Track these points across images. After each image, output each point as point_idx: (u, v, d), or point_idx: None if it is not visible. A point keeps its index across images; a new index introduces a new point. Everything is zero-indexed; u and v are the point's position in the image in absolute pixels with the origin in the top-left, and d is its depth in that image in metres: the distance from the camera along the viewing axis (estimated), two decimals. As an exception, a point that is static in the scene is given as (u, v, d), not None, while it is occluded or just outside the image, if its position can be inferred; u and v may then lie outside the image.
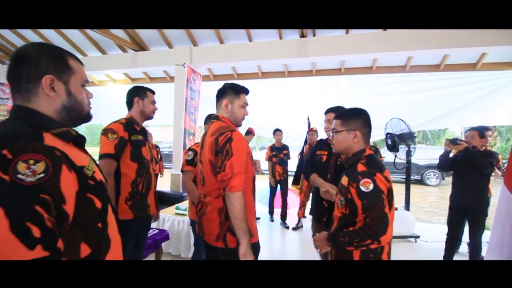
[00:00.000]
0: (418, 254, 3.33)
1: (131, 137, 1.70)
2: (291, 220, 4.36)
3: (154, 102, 1.86)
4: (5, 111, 6.28)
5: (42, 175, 0.55)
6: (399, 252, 3.23)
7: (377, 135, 4.63)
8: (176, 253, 3.01)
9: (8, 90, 6.29)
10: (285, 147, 4.49)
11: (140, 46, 4.88)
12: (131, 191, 1.69)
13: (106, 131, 1.65)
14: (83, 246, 0.65)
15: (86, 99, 0.79)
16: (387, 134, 3.85)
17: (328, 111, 2.02)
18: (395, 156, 3.98)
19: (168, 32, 4.54)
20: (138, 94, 1.82)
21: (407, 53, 3.98)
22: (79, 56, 5.45)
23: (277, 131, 4.45)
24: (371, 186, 1.09)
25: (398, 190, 7.13)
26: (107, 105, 6.10)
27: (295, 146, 5.35)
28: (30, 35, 5.22)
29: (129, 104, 1.83)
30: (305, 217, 4.37)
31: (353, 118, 1.25)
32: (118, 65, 5.22)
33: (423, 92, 4.90)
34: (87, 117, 0.80)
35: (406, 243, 3.62)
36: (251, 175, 1.42)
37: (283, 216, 4.38)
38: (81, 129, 22.19)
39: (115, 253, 0.75)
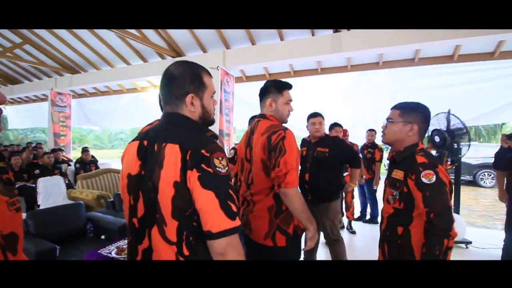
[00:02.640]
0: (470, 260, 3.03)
1: None
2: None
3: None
4: (64, 117, 7.05)
5: (227, 167, 0.77)
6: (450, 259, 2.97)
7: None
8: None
9: (65, 99, 7.06)
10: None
11: (177, 52, 5.14)
12: None
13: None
14: None
15: (213, 107, 0.93)
16: (433, 130, 3.56)
17: (313, 115, 2.53)
18: (444, 154, 3.67)
19: (202, 37, 4.71)
20: None
21: (455, 41, 3.62)
22: (123, 65, 5.94)
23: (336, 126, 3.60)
24: (433, 178, 1.04)
25: (447, 192, 6.68)
26: (149, 109, 6.54)
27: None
28: (81, 47, 5.79)
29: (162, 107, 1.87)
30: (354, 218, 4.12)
31: (414, 111, 1.21)
32: (158, 72, 5.55)
33: (475, 83, 4.42)
34: (212, 122, 0.95)
35: (455, 249, 3.31)
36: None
37: None
38: (127, 132, 24.05)
39: None
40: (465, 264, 0.73)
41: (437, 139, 3.49)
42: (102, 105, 7.83)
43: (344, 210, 3.98)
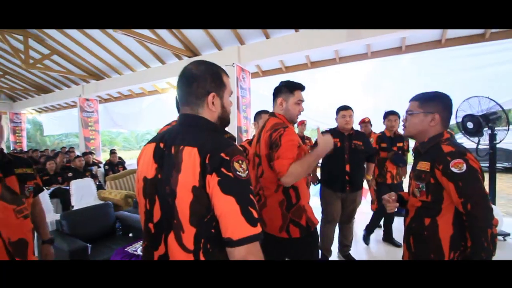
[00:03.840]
0: (507, 254, 2.80)
1: None
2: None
3: None
4: (92, 122, 7.44)
5: (247, 171, 0.73)
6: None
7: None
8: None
9: (93, 104, 7.44)
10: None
11: (193, 52, 5.20)
12: None
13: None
14: None
15: (228, 107, 0.91)
16: (465, 116, 3.30)
17: (344, 108, 2.51)
18: (478, 141, 3.40)
19: (217, 35, 4.72)
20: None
21: (487, 18, 3.31)
22: (142, 68, 6.13)
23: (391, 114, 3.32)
24: (464, 167, 0.99)
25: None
26: (168, 110, 6.71)
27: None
28: (104, 54, 6.04)
29: (178, 109, 1.87)
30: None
31: (433, 100, 1.17)
32: (176, 73, 5.63)
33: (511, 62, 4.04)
34: (228, 123, 0.93)
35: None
36: None
37: None
38: (152, 132, 25.04)
39: None
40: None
41: (470, 125, 3.24)
42: (126, 109, 8.17)
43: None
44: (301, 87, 1.54)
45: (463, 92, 3.62)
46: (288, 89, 1.52)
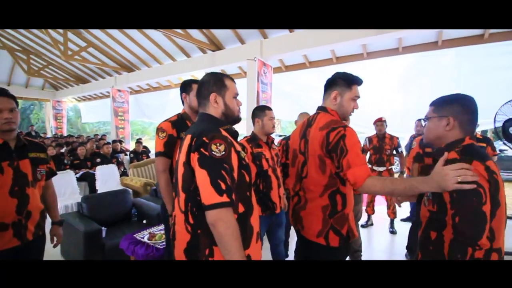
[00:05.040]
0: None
1: (180, 134, 1.67)
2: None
3: None
4: (122, 112, 7.85)
5: (223, 152, 0.91)
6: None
7: (487, 123, 3.62)
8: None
9: (124, 95, 7.82)
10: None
11: (217, 46, 5.22)
12: None
13: (157, 130, 1.67)
14: (240, 205, 0.98)
15: (237, 106, 1.12)
16: (507, 120, 2.96)
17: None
18: (520, 148, 3.04)
19: (240, 29, 4.69)
20: (184, 89, 1.75)
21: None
22: (169, 61, 6.29)
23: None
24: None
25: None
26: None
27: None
28: (134, 47, 6.29)
29: (182, 100, 1.80)
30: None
31: (448, 103, 1.06)
32: (200, 66, 5.75)
33: None
34: (237, 119, 1.14)
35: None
36: None
37: None
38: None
39: (255, 218, 1.05)
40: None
41: (512, 130, 2.90)
42: (154, 100, 8.50)
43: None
44: (359, 82, 1.37)
45: (507, 93, 3.24)
46: (346, 82, 1.35)
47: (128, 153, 6.32)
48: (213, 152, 0.90)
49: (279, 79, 5.43)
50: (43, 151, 1.58)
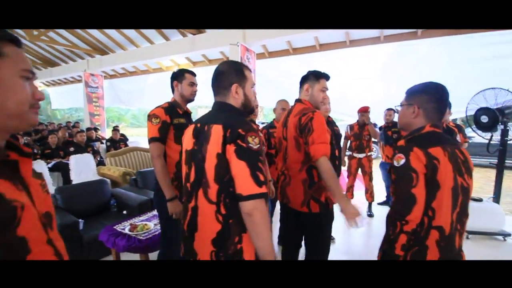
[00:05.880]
0: (505, 254, 2.70)
1: (173, 120, 1.73)
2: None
3: (192, 84, 1.80)
4: (96, 97, 7.43)
5: (258, 145, 0.93)
6: (481, 252, 2.68)
7: (459, 111, 3.79)
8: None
9: (97, 80, 7.38)
10: None
11: (198, 29, 5.01)
12: (175, 171, 1.74)
13: (150, 117, 1.70)
14: None
15: (254, 97, 1.13)
16: (479, 109, 3.11)
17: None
18: (491, 136, 3.21)
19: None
20: (176, 77, 1.79)
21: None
22: (146, 44, 5.98)
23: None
24: (402, 161, 1.03)
25: (490, 177, 5.88)
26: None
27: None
28: (112, 31, 5.90)
29: (172, 88, 1.83)
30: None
31: (416, 92, 1.15)
32: (180, 50, 5.51)
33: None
34: (252, 110, 1.15)
35: (491, 241, 2.97)
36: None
37: None
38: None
39: None
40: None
41: (484, 119, 3.04)
42: (131, 85, 8.11)
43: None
44: (326, 76, 1.69)
45: (491, 82, 3.38)
46: (315, 76, 1.67)
47: (104, 141, 6.03)
48: (250, 144, 0.91)
49: (262, 66, 5.34)
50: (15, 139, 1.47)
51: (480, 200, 3.13)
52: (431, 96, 1.10)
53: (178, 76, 1.78)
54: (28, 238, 0.52)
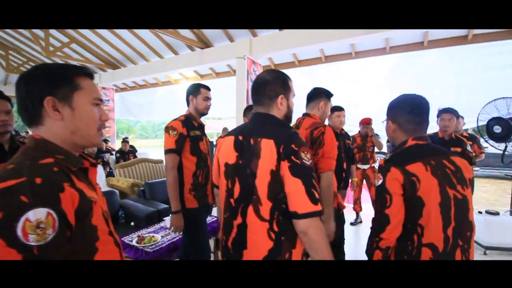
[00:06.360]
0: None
1: (189, 133, 1.81)
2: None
3: (207, 98, 1.89)
4: (108, 110, 7.62)
5: (310, 160, 0.92)
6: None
7: (470, 121, 3.73)
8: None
9: (109, 93, 7.59)
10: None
11: (205, 43, 5.15)
12: (193, 182, 1.82)
13: (167, 129, 1.78)
14: None
15: (292, 107, 1.10)
16: (491, 119, 3.05)
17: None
18: (505, 147, 3.13)
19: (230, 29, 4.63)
20: (192, 92, 1.88)
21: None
22: (156, 58, 6.15)
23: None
24: (379, 181, 1.04)
25: (506, 189, 5.62)
26: (180, 101, 6.72)
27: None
28: (120, 44, 6.12)
29: (187, 101, 1.93)
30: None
31: (389, 107, 1.16)
32: (188, 64, 5.65)
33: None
34: (291, 120, 1.13)
35: (507, 257, 2.85)
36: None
37: None
38: (167, 122, 25.58)
39: None
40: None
41: (497, 129, 2.98)
42: (140, 98, 8.29)
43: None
44: (332, 96, 1.87)
45: (497, 92, 3.34)
46: (327, 96, 1.83)
47: (114, 152, 6.14)
48: (303, 161, 0.90)
49: (269, 78, 5.40)
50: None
51: (497, 213, 3.03)
52: (401, 109, 1.09)
53: (194, 91, 1.88)
54: (98, 227, 0.64)
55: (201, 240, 1.87)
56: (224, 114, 7.58)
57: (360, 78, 5.03)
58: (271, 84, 1.03)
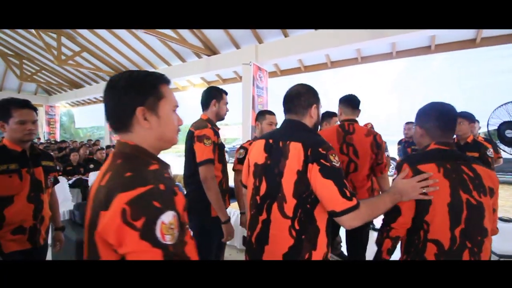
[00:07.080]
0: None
1: (218, 141, 1.73)
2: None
3: (227, 103, 1.85)
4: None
5: (339, 162, 0.98)
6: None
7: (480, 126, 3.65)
8: (240, 246, 3.09)
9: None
10: None
11: (212, 51, 5.22)
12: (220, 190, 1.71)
13: (201, 138, 1.62)
14: None
15: (320, 116, 1.20)
16: (502, 123, 2.98)
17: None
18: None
19: (235, 33, 4.69)
20: (215, 96, 1.78)
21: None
22: (164, 66, 6.26)
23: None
24: (395, 176, 1.11)
25: (520, 195, 5.48)
26: (187, 107, 6.81)
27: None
28: (129, 52, 6.26)
29: (206, 105, 1.79)
30: None
31: (418, 113, 1.23)
32: (195, 71, 5.74)
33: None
34: (318, 128, 1.22)
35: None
36: None
37: None
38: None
39: None
40: None
41: (509, 133, 2.90)
42: (149, 105, 8.41)
43: None
44: None
45: (506, 95, 3.27)
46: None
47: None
48: (333, 163, 0.95)
49: (275, 84, 5.43)
50: (51, 159, 1.67)
51: (509, 220, 2.93)
52: (429, 116, 1.15)
53: (217, 95, 1.79)
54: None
55: (212, 248, 1.76)
56: (231, 120, 7.61)
57: (367, 84, 5.00)
58: (304, 95, 1.12)
